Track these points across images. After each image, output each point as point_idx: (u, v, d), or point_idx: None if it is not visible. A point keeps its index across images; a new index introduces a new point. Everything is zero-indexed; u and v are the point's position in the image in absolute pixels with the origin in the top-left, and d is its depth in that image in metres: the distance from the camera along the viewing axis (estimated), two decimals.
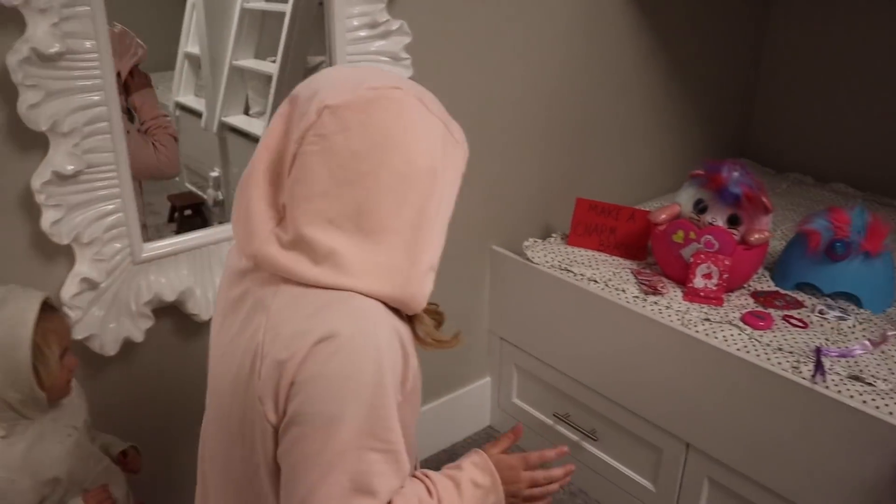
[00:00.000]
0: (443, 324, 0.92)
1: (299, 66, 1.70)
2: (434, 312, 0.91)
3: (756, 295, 1.76)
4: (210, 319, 1.02)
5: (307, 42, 1.68)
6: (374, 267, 0.80)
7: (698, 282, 1.72)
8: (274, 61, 1.73)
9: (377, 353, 0.78)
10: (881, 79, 2.43)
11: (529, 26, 1.95)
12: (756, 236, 1.71)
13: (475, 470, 0.93)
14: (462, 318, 2.09)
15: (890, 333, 1.58)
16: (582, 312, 1.84)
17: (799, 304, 1.72)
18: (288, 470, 0.79)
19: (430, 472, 0.91)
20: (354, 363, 0.77)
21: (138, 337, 1.45)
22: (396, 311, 0.85)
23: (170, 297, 1.47)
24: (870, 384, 1.43)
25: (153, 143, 1.53)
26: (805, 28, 2.61)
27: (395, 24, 1.64)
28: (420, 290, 0.84)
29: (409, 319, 0.88)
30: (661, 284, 1.78)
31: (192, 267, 1.50)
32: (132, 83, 1.49)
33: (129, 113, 1.47)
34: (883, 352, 1.53)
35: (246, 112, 1.79)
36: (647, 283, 1.79)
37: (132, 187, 1.37)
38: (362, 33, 1.61)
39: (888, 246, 1.71)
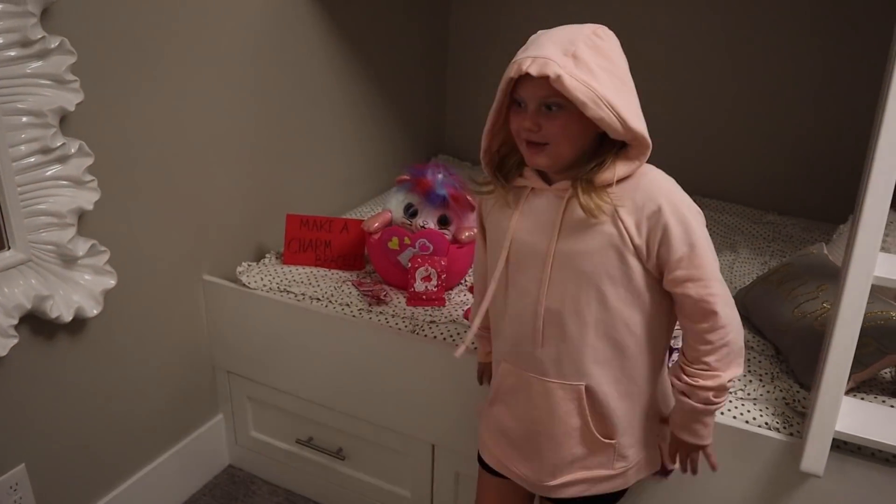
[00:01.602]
0: None
1: None
2: None
3: (472, 290, 1.83)
4: None
5: None
6: None
7: (419, 285, 1.75)
8: None
9: None
10: None
11: (217, 33, 1.81)
12: (466, 234, 1.78)
13: None
14: (183, 356, 1.92)
15: None
16: (308, 333, 1.78)
17: None
18: None
19: None
20: None
21: None
22: None
23: None
24: None
25: None
26: (482, 27, 2.80)
27: (53, 42, 1.42)
28: None
29: None
30: (384, 293, 1.77)
31: None
32: None
33: None
34: None
35: None
36: (369, 293, 1.77)
37: None
38: (12, 53, 1.37)
39: None
